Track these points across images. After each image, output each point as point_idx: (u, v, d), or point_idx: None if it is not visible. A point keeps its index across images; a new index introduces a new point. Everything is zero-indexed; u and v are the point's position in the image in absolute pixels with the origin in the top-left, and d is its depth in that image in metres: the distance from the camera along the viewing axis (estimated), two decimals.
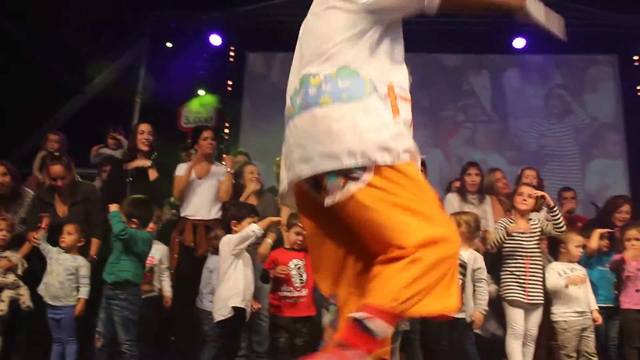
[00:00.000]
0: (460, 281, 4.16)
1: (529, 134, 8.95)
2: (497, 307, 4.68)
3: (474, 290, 4.29)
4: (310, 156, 1.94)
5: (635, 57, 8.92)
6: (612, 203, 5.23)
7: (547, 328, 4.54)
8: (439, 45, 8.64)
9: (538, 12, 2.20)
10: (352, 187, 1.88)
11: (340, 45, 1.98)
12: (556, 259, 4.61)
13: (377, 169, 1.87)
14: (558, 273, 4.40)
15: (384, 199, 1.86)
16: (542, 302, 4.29)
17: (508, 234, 4.32)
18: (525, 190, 4.48)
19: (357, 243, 2.02)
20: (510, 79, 9.12)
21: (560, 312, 4.35)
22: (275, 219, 4.26)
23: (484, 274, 4.33)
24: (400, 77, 2.05)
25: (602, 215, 5.32)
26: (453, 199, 5.29)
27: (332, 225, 2.07)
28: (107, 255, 4.20)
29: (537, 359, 4.38)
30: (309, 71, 2.02)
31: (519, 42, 8.77)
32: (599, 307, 4.39)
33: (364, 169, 1.87)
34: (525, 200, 4.44)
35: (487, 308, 4.36)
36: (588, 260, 4.66)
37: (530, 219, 4.49)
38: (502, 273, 4.45)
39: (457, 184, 5.54)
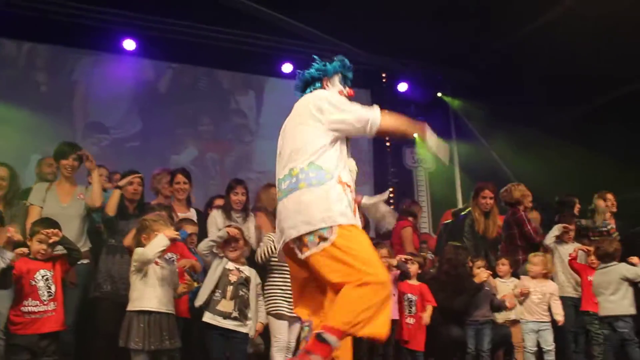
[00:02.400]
0: (245, 295, 4.12)
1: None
2: None
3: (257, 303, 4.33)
4: (295, 224, 2.85)
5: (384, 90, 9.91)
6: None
7: None
8: (214, 60, 8.67)
9: (434, 141, 3.17)
10: (322, 245, 2.78)
11: (309, 148, 2.95)
12: None
13: (340, 227, 2.80)
14: None
15: (339, 255, 2.76)
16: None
17: (276, 248, 4.36)
18: None
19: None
20: (277, 101, 9.43)
21: None
22: None
23: (260, 289, 4.40)
24: (345, 170, 3.01)
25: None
26: (217, 217, 5.21)
27: (310, 273, 2.93)
28: None
29: None
30: (291, 167, 2.96)
31: (287, 67, 9.17)
32: None
33: (330, 230, 2.79)
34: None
35: (266, 320, 4.37)
36: None
37: None
38: (267, 287, 4.47)
39: (220, 201, 5.50)
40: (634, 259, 4.77)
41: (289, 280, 4.25)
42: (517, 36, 8.21)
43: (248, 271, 4.23)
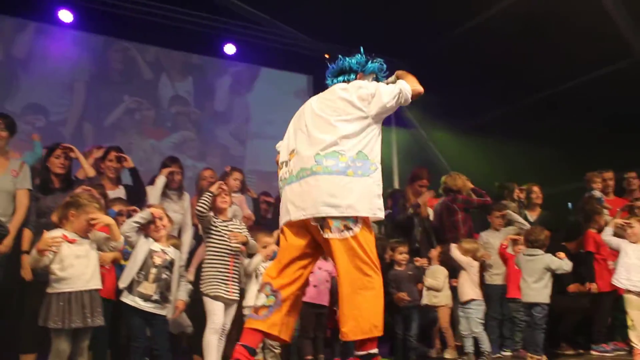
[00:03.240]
0: (168, 278, 4.06)
1: (232, 142, 9.21)
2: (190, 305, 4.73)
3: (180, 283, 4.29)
4: (325, 204, 3.01)
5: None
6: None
7: (240, 323, 4.68)
8: (142, 35, 8.43)
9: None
10: (347, 233, 3.02)
11: (358, 137, 3.14)
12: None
13: (364, 224, 3.07)
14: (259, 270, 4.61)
15: (358, 245, 3.02)
16: (238, 298, 4.39)
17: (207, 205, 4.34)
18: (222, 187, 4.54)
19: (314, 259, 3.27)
20: (218, 85, 9.29)
21: (250, 306, 4.53)
22: None
23: (184, 270, 4.35)
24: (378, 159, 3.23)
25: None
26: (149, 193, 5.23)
27: (313, 248, 3.19)
28: None
29: (226, 353, 4.46)
30: (337, 149, 3.09)
31: (229, 49, 9.03)
32: None
33: (356, 221, 3.03)
34: (224, 199, 4.47)
35: (188, 299, 4.33)
36: None
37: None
38: (206, 268, 4.40)
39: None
40: (561, 255, 4.97)
41: (227, 262, 4.28)
42: (457, 30, 8.38)
43: (173, 253, 4.14)
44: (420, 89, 3.35)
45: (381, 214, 3.12)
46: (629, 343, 4.76)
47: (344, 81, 3.44)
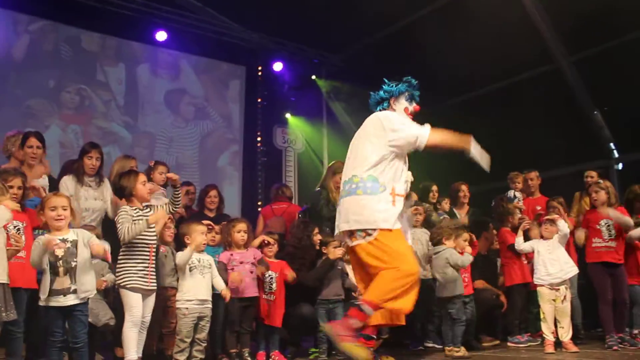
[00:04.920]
0: (76, 262, 3.87)
1: (158, 132, 9.02)
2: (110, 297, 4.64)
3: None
4: (348, 219, 3.83)
5: (259, 64, 9.86)
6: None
7: (161, 315, 4.61)
8: (76, 19, 8.15)
9: (477, 152, 3.91)
10: (367, 239, 3.77)
11: (370, 162, 3.83)
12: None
13: (381, 231, 3.74)
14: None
15: (378, 248, 3.75)
16: (156, 287, 4.31)
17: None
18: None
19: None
20: (146, 72, 9.06)
21: (183, 300, 4.48)
22: None
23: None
24: (400, 182, 3.90)
25: None
26: (68, 182, 5.06)
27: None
28: None
29: (147, 346, 4.37)
30: (354, 173, 3.88)
31: (161, 35, 8.83)
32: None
33: (374, 230, 3.74)
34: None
35: (113, 278, 4.21)
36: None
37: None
38: (122, 260, 4.28)
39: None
40: (467, 249, 5.12)
41: (146, 253, 4.18)
42: (394, 27, 8.53)
43: (74, 234, 3.90)
44: (446, 143, 3.93)
45: (386, 225, 3.74)
46: (541, 334, 5.00)
47: (381, 109, 4.07)
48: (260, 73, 9.92)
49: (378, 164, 3.81)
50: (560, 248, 5.06)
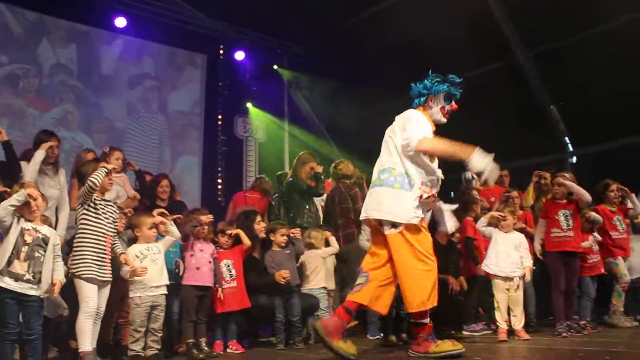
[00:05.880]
0: (42, 257, 3.83)
1: (118, 117, 8.87)
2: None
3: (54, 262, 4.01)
4: (380, 209, 3.95)
5: (221, 52, 9.78)
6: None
7: (116, 305, 4.55)
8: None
9: (482, 164, 3.78)
10: (394, 230, 3.92)
11: (405, 157, 3.95)
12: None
13: (407, 224, 3.89)
14: (136, 255, 4.47)
15: (405, 240, 3.91)
16: (111, 279, 4.25)
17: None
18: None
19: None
20: (105, 57, 8.89)
21: (135, 289, 4.43)
22: None
23: (60, 249, 4.09)
24: (429, 176, 3.99)
25: None
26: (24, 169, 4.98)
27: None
28: None
29: (102, 336, 4.31)
30: (390, 165, 3.99)
31: (120, 22, 8.67)
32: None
33: (401, 223, 3.89)
34: (110, 180, 4.30)
35: (64, 279, 4.10)
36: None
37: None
38: (77, 248, 4.20)
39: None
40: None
41: (102, 242, 4.12)
42: (358, 18, 8.54)
43: (47, 231, 3.90)
44: (440, 152, 3.95)
45: (414, 220, 3.87)
46: (495, 323, 5.12)
47: (418, 104, 4.13)
48: (222, 61, 9.83)
49: (411, 160, 3.92)
50: (520, 246, 5.13)
